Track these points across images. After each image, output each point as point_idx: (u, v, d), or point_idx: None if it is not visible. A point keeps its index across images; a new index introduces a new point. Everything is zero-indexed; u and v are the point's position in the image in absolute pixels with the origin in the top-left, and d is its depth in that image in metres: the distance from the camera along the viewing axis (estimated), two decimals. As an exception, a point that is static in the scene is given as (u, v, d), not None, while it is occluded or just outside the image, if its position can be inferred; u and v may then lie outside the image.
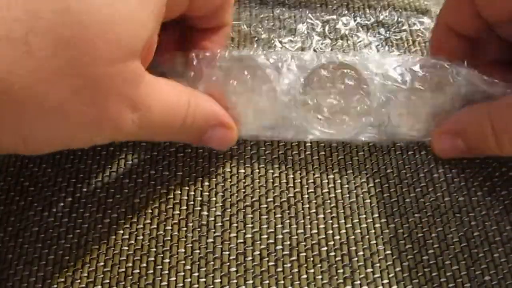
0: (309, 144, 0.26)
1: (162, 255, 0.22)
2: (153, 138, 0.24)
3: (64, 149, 0.19)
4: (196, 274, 0.22)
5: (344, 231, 0.23)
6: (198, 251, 0.23)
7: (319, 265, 0.22)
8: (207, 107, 0.22)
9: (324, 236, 0.23)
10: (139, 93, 0.19)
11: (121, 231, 0.23)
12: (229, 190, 0.24)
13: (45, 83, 0.16)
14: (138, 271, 0.22)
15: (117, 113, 0.18)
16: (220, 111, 0.23)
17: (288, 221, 0.23)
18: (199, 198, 0.24)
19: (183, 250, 0.23)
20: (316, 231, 0.23)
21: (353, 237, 0.23)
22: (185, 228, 0.23)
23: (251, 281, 0.22)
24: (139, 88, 0.19)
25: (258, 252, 0.23)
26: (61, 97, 0.16)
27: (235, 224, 0.23)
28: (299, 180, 0.25)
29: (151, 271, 0.22)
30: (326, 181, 0.25)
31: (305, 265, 0.22)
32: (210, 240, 0.23)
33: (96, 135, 0.19)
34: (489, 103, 0.23)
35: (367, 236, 0.23)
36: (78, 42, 0.16)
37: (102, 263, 0.22)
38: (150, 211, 0.24)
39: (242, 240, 0.23)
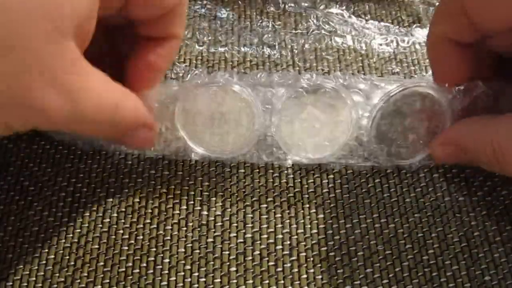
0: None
1: (162, 255, 0.22)
2: (80, 133, 0.22)
3: None
4: (196, 273, 0.22)
5: (344, 231, 0.23)
6: (198, 250, 0.23)
7: (319, 265, 0.22)
8: (133, 109, 0.21)
9: (324, 236, 0.23)
10: (72, 79, 0.17)
11: (121, 231, 0.23)
12: (229, 190, 0.24)
13: None
14: (138, 271, 0.22)
15: (42, 95, 0.16)
16: (144, 113, 0.22)
17: (288, 221, 0.23)
18: (199, 198, 0.24)
19: (183, 250, 0.23)
20: (316, 231, 0.23)
21: (353, 237, 0.23)
22: (185, 228, 0.23)
23: (251, 281, 0.22)
24: (73, 73, 0.17)
25: (258, 252, 0.23)
26: None
27: (235, 224, 0.23)
28: (299, 180, 0.25)
29: (151, 271, 0.22)
30: (326, 181, 0.25)
31: (305, 265, 0.22)
32: (210, 239, 0.23)
33: (15, 119, 0.16)
34: (492, 119, 0.22)
35: (367, 236, 0.23)
36: None
37: (102, 263, 0.22)
38: (150, 211, 0.24)
39: (242, 240, 0.23)
